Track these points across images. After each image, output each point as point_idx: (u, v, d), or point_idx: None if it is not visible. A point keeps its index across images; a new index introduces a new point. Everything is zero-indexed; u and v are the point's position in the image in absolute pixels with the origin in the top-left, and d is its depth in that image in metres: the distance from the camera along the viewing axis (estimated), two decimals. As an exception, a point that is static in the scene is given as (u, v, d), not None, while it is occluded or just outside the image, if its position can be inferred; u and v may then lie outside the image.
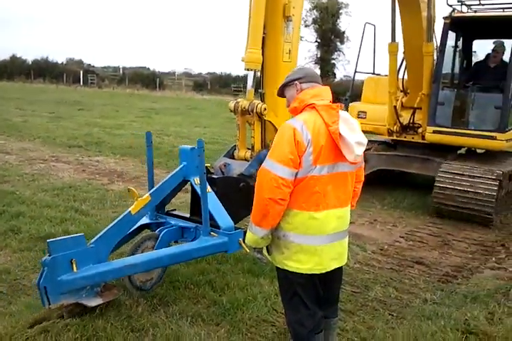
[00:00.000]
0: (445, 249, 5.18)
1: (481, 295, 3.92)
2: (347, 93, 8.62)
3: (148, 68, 62.08)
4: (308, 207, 2.41)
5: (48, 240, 3.01)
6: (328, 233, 2.47)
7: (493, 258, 4.88)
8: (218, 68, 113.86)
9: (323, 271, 2.50)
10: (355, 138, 2.38)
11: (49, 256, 2.95)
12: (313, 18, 45.11)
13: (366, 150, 7.04)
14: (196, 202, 3.89)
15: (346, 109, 7.79)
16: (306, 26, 52.39)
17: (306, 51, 49.56)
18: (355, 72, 8.08)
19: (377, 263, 4.63)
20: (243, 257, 4.43)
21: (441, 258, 4.89)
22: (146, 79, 45.86)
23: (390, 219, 6.22)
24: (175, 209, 4.32)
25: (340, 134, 2.36)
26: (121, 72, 53.62)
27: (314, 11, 43.69)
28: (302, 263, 2.46)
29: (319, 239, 2.46)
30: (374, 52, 8.02)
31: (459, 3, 7.08)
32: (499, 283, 4.22)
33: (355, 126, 2.45)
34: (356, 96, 8.67)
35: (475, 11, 7.24)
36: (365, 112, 7.87)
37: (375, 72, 8.38)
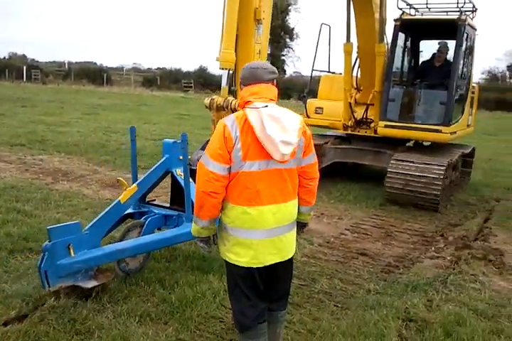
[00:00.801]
0: (388, 240, 5.38)
1: (420, 283, 4.11)
2: (305, 90, 9.08)
3: (96, 63, 60.64)
4: (242, 202, 2.49)
5: (47, 227, 3.30)
6: (265, 228, 2.53)
7: (433, 248, 5.12)
8: (169, 63, 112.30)
9: (260, 266, 2.56)
10: (281, 137, 2.42)
11: (49, 242, 3.22)
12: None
13: (324, 143, 7.89)
14: (176, 192, 4.32)
15: (305, 105, 8.40)
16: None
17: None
18: (313, 70, 8.33)
19: (323, 256, 4.75)
20: (192, 255, 4.46)
21: (384, 249, 5.08)
22: (93, 75, 44.65)
23: (336, 212, 6.39)
24: (154, 200, 4.68)
25: (266, 133, 2.40)
26: (66, 67, 51.99)
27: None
28: (240, 256, 2.54)
29: (255, 233, 2.52)
30: (329, 52, 8.40)
31: (408, 7, 7.67)
32: (438, 271, 4.44)
33: (286, 125, 2.46)
34: (312, 93, 8.99)
35: (422, 14, 7.86)
36: (322, 108, 8.29)
37: (331, 70, 8.78)
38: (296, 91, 32.81)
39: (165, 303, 3.51)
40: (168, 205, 4.47)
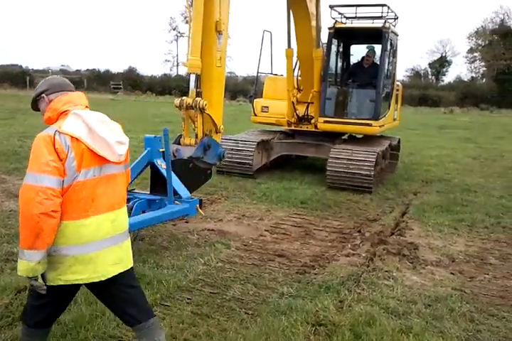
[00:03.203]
0: (306, 239, 5.31)
1: (334, 283, 4.03)
2: (251, 90, 10.21)
3: (21, 66, 57.67)
4: (77, 216, 2.32)
5: None
6: (105, 237, 2.41)
7: (349, 245, 5.09)
8: (98, 65, 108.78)
9: (103, 278, 2.41)
10: (115, 138, 2.39)
11: None
12: (189, 14, 44.76)
13: (271, 139, 8.88)
14: (156, 181, 5.00)
15: (252, 104, 9.24)
16: (186, 23, 52.09)
17: (186, 47, 49.19)
18: (258, 72, 9.25)
19: (239, 260, 4.59)
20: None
21: (302, 248, 4.99)
22: (16, 78, 42.39)
23: (258, 213, 6.26)
24: (134, 188, 5.19)
25: (99, 136, 2.33)
26: (-15, 70, 49.03)
27: (190, 8, 43.34)
28: (80, 273, 2.36)
29: (94, 245, 2.37)
30: (271, 56, 9.18)
31: (340, 16, 8.76)
32: (352, 269, 4.39)
33: (114, 127, 2.47)
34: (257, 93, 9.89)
35: (352, 22, 8.97)
36: (268, 107, 9.14)
37: (273, 73, 9.65)
38: (229, 91, 32.96)
39: (57, 325, 3.19)
40: (148, 193, 5.03)
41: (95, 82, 42.91)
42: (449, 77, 55.56)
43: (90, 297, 3.58)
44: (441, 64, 49.44)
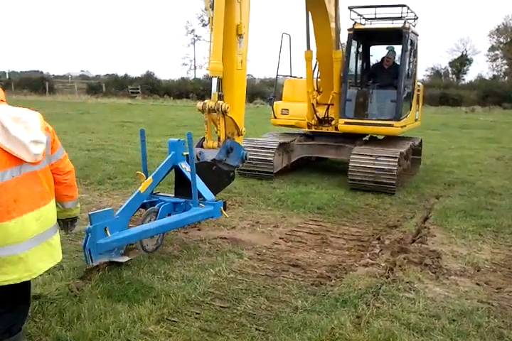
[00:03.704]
0: (323, 247, 5.08)
1: (351, 296, 3.80)
2: (271, 93, 10.42)
3: (42, 72, 58.56)
4: (1, 218, 2.28)
5: (89, 213, 4.01)
6: (31, 237, 2.40)
7: (368, 254, 4.84)
8: (117, 70, 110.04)
9: (34, 276, 2.54)
10: (30, 137, 2.31)
11: (91, 225, 3.91)
12: (209, 18, 44.85)
13: (291, 141, 8.90)
14: (180, 184, 5.15)
15: (272, 107, 9.33)
16: (203, 26, 52.35)
17: (205, 51, 49.50)
18: (277, 75, 9.27)
19: (252, 271, 4.39)
20: (108, 275, 4.03)
21: (318, 257, 4.77)
22: (35, 84, 42.92)
23: (272, 219, 6.05)
24: (159, 192, 5.32)
25: (12, 135, 2.26)
26: (7, 76, 49.84)
27: (211, 9, 43.51)
28: (10, 274, 2.36)
29: (22, 246, 2.37)
30: (290, 58, 9.17)
31: (359, 17, 8.74)
32: (371, 281, 4.15)
33: (30, 124, 2.37)
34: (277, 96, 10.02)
35: (371, 23, 8.90)
36: (288, 109, 9.22)
37: (293, 75, 9.62)
38: (247, 93, 32.75)
39: (58, 344, 3.05)
40: (172, 196, 5.19)
41: (113, 87, 43.15)
42: (470, 76, 54.64)
43: (95, 312, 3.44)
44: (461, 62, 48.62)
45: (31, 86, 42.17)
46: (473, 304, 3.77)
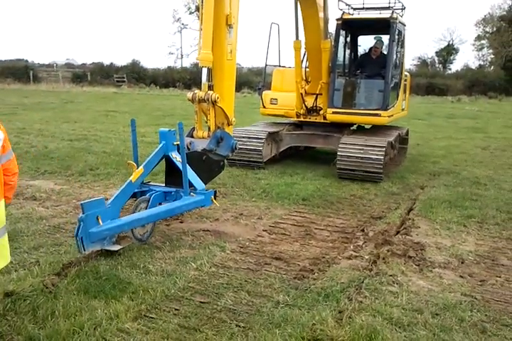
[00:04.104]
0: (306, 239, 5.01)
1: (334, 290, 3.74)
2: (260, 83, 10.18)
3: (27, 60, 57.50)
4: None
5: (80, 202, 4.04)
6: None
7: (351, 246, 4.78)
8: (103, 58, 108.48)
9: None
10: None
11: (83, 213, 3.91)
12: (196, 5, 44.28)
13: (280, 130, 9.00)
14: (171, 173, 5.15)
15: (261, 96, 9.34)
16: (190, 13, 51.70)
17: (192, 39, 48.94)
18: (266, 65, 9.26)
19: (234, 264, 4.30)
20: (84, 270, 3.92)
21: (302, 250, 4.70)
22: (19, 73, 42.11)
23: (256, 211, 5.96)
24: (150, 181, 5.38)
25: None
26: (-11, 65, 48.82)
27: (199, -2, 42.99)
28: None
29: None
30: (279, 48, 9.12)
31: (347, 7, 8.76)
32: (354, 274, 4.09)
33: None
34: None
35: (359, 13, 8.93)
36: (276, 99, 9.22)
37: (281, 65, 9.65)
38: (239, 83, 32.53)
39: (30, 342, 2.95)
40: (163, 185, 5.20)
41: (99, 76, 42.55)
42: (456, 65, 54.91)
43: (70, 309, 3.34)
44: (448, 52, 48.69)
45: (15, 74, 41.36)
46: (456, 297, 3.73)
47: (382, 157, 7.49)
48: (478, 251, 4.79)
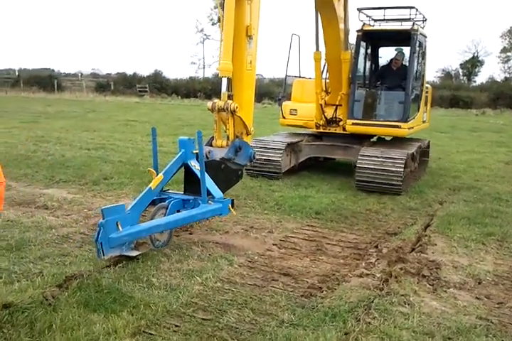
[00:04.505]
0: (317, 255, 4.86)
1: (341, 310, 3.59)
2: (280, 93, 10.16)
3: (53, 70, 58.78)
4: None
5: (101, 208, 4.10)
6: None
7: (363, 263, 4.61)
8: (127, 68, 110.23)
9: None
10: None
11: (103, 219, 4.00)
12: (218, 16, 44.74)
13: (299, 141, 9.05)
14: (189, 181, 5.26)
15: (280, 107, 9.34)
16: (212, 24, 52.24)
17: (214, 50, 49.39)
18: (286, 76, 9.28)
19: (240, 279, 4.18)
20: (85, 286, 3.83)
21: (311, 266, 4.55)
22: (44, 82, 42.99)
23: (268, 224, 5.84)
24: (169, 189, 5.56)
25: None
26: (16, 74, 49.99)
27: (219, 8, 43.31)
28: None
29: None
30: (299, 59, 9.12)
31: (368, 19, 8.73)
32: (364, 293, 3.93)
33: None
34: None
35: (380, 25, 8.91)
36: (296, 110, 9.24)
37: (301, 75, 9.63)
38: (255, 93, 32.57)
39: (24, 358, 2.88)
40: (182, 193, 5.30)
41: (122, 85, 43.13)
42: (481, 78, 54.09)
43: (68, 322, 3.26)
44: (473, 64, 48.02)
45: (40, 83, 42.26)
46: (471, 320, 3.55)
47: (401, 169, 7.40)
48: (496, 271, 4.57)
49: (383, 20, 8.79)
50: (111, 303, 3.56)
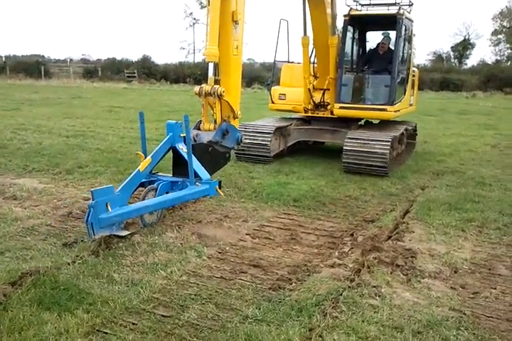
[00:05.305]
0: (291, 244, 4.70)
1: (308, 304, 3.43)
2: (269, 78, 10.35)
3: (43, 56, 57.86)
4: None
5: (91, 189, 4.29)
6: None
7: (336, 253, 4.45)
8: (117, 54, 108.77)
9: None
10: None
11: (93, 200, 4.19)
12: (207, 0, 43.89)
13: (288, 125, 9.11)
14: (177, 164, 5.43)
15: (269, 92, 9.36)
16: (202, 8, 51.32)
17: (204, 34, 48.74)
18: (275, 60, 9.26)
19: (207, 272, 4.01)
20: (41, 283, 3.64)
21: (283, 256, 4.39)
22: (31, 68, 42.21)
23: (243, 213, 5.66)
24: (158, 172, 5.64)
25: None
26: (3, 60, 49.12)
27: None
28: None
29: None
30: (288, 44, 9.05)
31: (355, 4, 8.82)
32: (333, 284, 3.77)
33: None
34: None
35: (367, 9, 8.94)
36: (285, 94, 9.26)
37: (290, 60, 9.58)
38: (245, 78, 32.17)
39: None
40: (170, 175, 5.46)
41: (110, 71, 42.48)
42: (472, 60, 53.80)
43: (18, 322, 3.08)
44: (464, 47, 47.68)
45: (27, 70, 41.48)
46: (443, 312, 3.41)
47: (387, 151, 7.49)
48: (474, 258, 4.44)
49: (370, 4, 8.84)
50: (66, 301, 3.39)
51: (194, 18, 51.37)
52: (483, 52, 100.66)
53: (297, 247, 4.65)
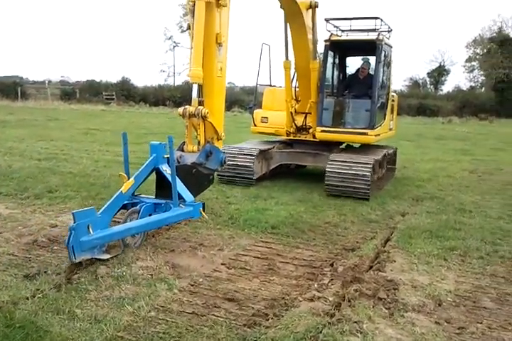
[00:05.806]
0: (268, 275, 4.47)
1: (285, 343, 3.20)
2: (251, 102, 10.32)
3: (22, 77, 57.32)
4: None
5: (72, 211, 4.15)
6: None
7: (316, 284, 4.23)
8: (96, 76, 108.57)
9: None
10: None
11: (74, 223, 4.07)
12: (188, 24, 44.21)
13: (271, 148, 9.11)
14: (160, 186, 5.34)
15: (252, 115, 9.40)
16: (182, 32, 51.68)
17: (184, 57, 48.94)
18: (257, 84, 9.37)
19: (178, 307, 3.74)
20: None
21: (260, 289, 4.15)
22: (7, 89, 41.63)
23: (219, 241, 5.42)
24: (140, 194, 5.51)
25: None
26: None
27: (191, 15, 42.86)
28: None
29: None
30: (270, 68, 9.25)
31: (335, 29, 8.96)
32: (313, 320, 3.53)
33: None
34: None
35: (347, 35, 9.12)
36: (267, 117, 9.32)
37: (272, 84, 9.73)
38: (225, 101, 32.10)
39: None
40: (153, 197, 5.37)
41: (88, 93, 42.17)
42: (447, 87, 55.09)
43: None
44: (439, 73, 48.78)
45: (3, 91, 40.89)
46: (428, 351, 3.20)
47: (369, 173, 7.56)
48: (458, 290, 4.26)
49: (350, 30, 9.00)
50: (21, 340, 3.09)
51: (174, 42, 51.56)
52: (458, 79, 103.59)
53: (275, 278, 4.42)
